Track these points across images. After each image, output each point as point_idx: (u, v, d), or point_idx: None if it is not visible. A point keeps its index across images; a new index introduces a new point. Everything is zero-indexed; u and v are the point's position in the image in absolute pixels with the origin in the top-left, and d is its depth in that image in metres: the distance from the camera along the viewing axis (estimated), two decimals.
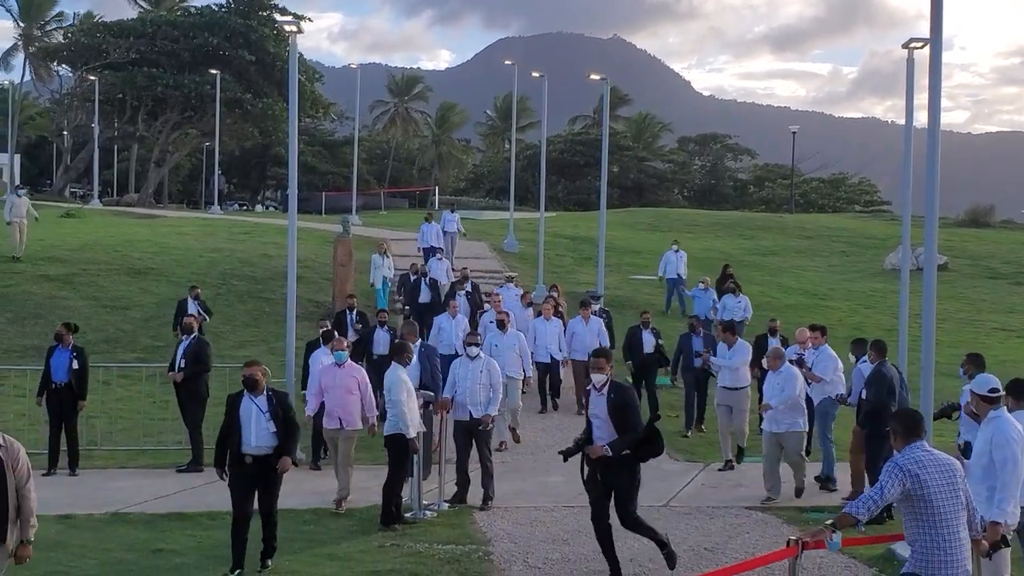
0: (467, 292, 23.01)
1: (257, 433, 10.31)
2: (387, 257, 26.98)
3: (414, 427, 12.30)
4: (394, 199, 73.60)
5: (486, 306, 21.83)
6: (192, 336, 15.98)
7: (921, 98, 12.94)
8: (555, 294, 22.39)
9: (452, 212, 34.08)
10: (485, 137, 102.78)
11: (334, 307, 26.60)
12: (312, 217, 47.82)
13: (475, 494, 13.26)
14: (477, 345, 13.68)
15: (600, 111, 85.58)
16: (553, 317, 19.56)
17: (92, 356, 20.98)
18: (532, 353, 18.60)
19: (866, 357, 13.28)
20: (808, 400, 14.32)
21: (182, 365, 15.55)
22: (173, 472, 14.81)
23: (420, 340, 16.71)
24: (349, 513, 12.61)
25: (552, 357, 19.31)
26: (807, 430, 14.34)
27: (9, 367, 19.62)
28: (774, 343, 16.77)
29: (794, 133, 64.75)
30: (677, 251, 29.83)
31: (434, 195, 74.11)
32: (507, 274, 23.45)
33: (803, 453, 14.15)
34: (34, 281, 26.44)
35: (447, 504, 13.23)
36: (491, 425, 13.52)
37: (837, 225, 48.86)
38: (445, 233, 31.78)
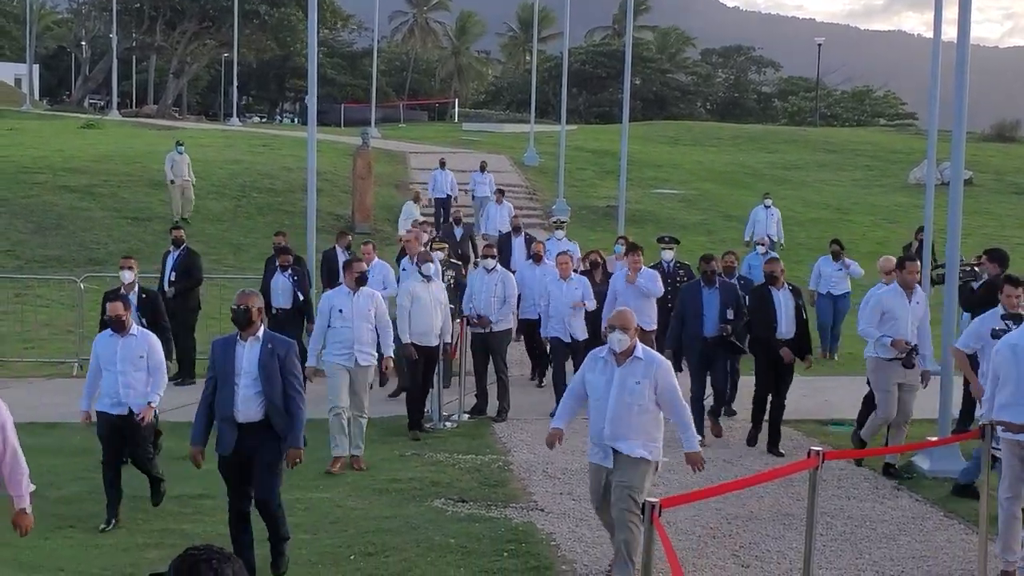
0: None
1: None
2: (420, 208, 23.73)
3: (407, 334, 12.30)
4: (413, 111, 73.11)
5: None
6: (182, 248, 15.68)
7: (951, 11, 12.69)
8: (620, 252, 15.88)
9: (483, 173, 28.29)
10: (505, 48, 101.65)
11: (353, 220, 26.59)
12: (331, 129, 47.56)
13: (494, 406, 13.36)
14: (493, 258, 13.66)
15: (620, 21, 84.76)
16: (575, 276, 13.60)
17: (112, 268, 21.11)
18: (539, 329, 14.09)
19: None
20: None
21: (172, 279, 15.35)
22: (200, 381, 14.93)
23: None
24: (370, 423, 12.68)
25: (573, 337, 13.29)
26: None
27: (32, 276, 19.72)
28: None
29: (819, 45, 63.73)
30: (768, 207, 23.65)
31: (453, 108, 73.58)
32: (559, 219, 17.61)
33: None
34: (55, 192, 26.46)
35: (467, 415, 13.36)
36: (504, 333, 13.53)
37: (861, 139, 48.32)
38: (474, 198, 27.65)
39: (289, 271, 14.41)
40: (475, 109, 78.35)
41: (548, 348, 14.12)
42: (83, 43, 70.56)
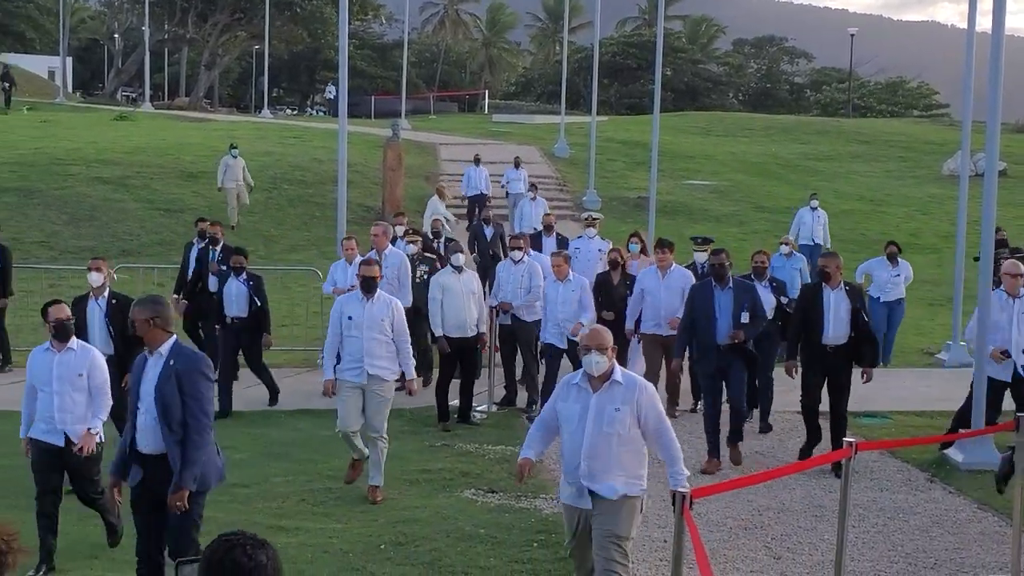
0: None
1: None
2: (445, 203, 23.03)
3: (439, 328, 12.34)
4: (443, 103, 73.09)
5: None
6: (207, 240, 15.23)
7: (986, 2, 12.54)
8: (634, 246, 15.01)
9: (517, 169, 27.28)
10: (535, 39, 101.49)
11: (384, 212, 26.63)
12: (361, 121, 47.66)
13: (524, 397, 13.36)
14: (520, 249, 13.65)
15: (651, 11, 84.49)
16: (574, 277, 12.74)
17: (145, 259, 21.30)
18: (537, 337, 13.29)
19: None
20: None
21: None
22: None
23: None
24: (399, 414, 12.71)
25: (570, 341, 12.28)
26: None
27: (66, 267, 19.87)
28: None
29: (852, 36, 63.24)
30: (815, 209, 22.23)
31: (483, 99, 73.52)
32: (590, 214, 16.21)
33: None
34: (89, 183, 26.64)
35: (496, 406, 13.37)
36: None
37: (895, 130, 47.95)
38: (508, 194, 26.91)
39: (244, 275, 13.17)
40: (505, 100, 78.18)
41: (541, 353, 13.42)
42: (116, 36, 71.02)
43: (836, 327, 10.55)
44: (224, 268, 13.66)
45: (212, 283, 14.43)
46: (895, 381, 14.66)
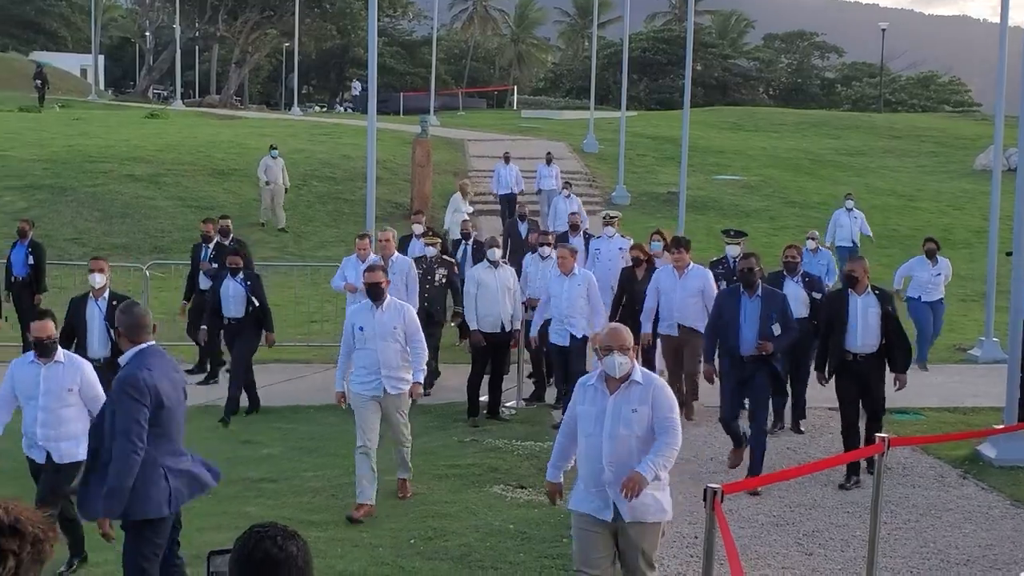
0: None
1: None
2: (467, 201, 22.29)
3: (474, 322, 12.38)
4: (472, 99, 73.10)
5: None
6: (231, 240, 15.00)
7: None
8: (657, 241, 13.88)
9: (549, 165, 26.88)
10: (564, 35, 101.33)
11: (412, 208, 26.66)
12: (390, 118, 47.76)
13: (552, 393, 13.34)
14: (549, 245, 13.62)
15: (680, 5, 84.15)
16: (580, 271, 12.20)
17: (177, 256, 21.41)
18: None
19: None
20: None
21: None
22: (256, 367, 15.05)
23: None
24: (428, 409, 12.74)
25: (572, 335, 11.91)
26: None
27: None
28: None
29: (883, 30, 62.83)
30: (851, 210, 21.56)
31: (512, 95, 73.50)
32: (608, 213, 16.15)
33: None
34: (121, 181, 26.82)
35: (524, 402, 13.37)
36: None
37: (926, 124, 47.61)
38: (540, 191, 26.50)
39: (241, 275, 12.76)
40: (534, 96, 78.15)
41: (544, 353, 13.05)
42: (147, 34, 71.45)
43: (865, 334, 10.01)
44: (215, 266, 13.35)
45: (203, 282, 14.21)
46: (927, 377, 14.57)
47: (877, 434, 7.43)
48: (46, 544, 2.22)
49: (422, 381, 9.56)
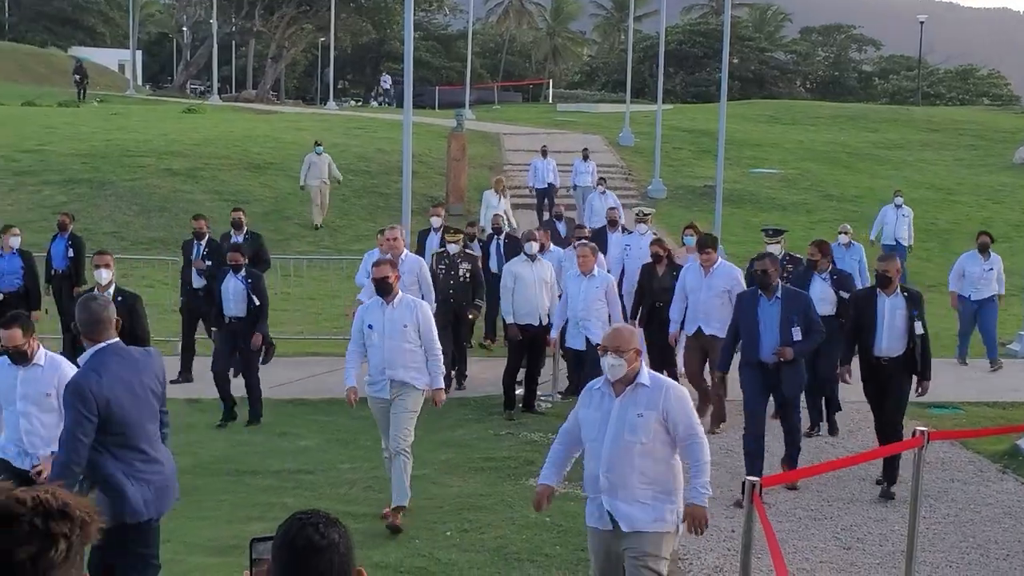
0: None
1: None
2: (503, 197, 21.90)
3: (511, 315, 12.40)
4: (507, 93, 73.10)
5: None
6: (245, 233, 14.91)
7: None
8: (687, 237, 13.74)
9: (586, 161, 26.58)
10: (599, 28, 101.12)
11: (447, 201, 26.70)
12: (426, 112, 47.86)
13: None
14: (586, 238, 13.57)
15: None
16: (599, 272, 11.93)
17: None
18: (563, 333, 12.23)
19: None
20: None
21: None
22: (293, 360, 15.14)
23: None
24: (465, 402, 12.77)
25: (588, 339, 11.59)
26: None
27: (136, 257, 20.20)
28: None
29: (922, 23, 62.25)
30: (900, 206, 21.12)
31: (547, 89, 73.41)
32: (641, 211, 15.63)
33: None
34: (159, 175, 27.04)
35: (560, 395, 13.36)
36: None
37: (965, 118, 47.16)
38: (575, 187, 26.23)
39: (242, 272, 12.28)
40: (569, 90, 78.02)
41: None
42: (184, 29, 71.93)
43: (890, 337, 9.48)
44: (209, 264, 12.88)
45: (196, 280, 14.08)
46: (966, 372, 14.45)
47: (916, 428, 7.35)
48: (92, 527, 2.25)
49: (442, 385, 8.86)
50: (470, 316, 14.01)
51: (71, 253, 15.46)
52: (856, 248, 14.82)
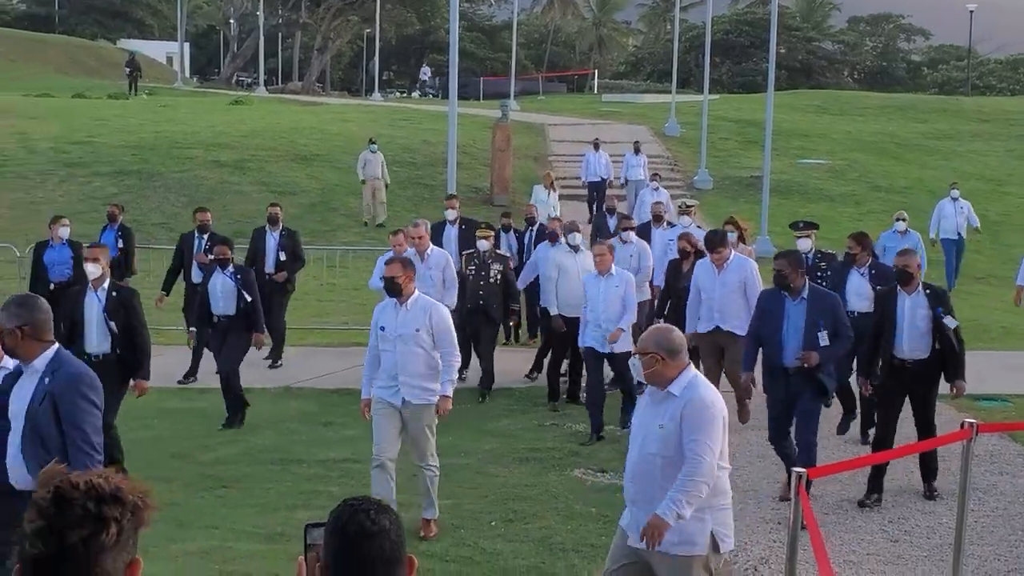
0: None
1: None
2: (553, 191, 21.73)
3: (554, 306, 12.36)
4: (552, 84, 72.97)
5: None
6: (281, 229, 14.79)
7: None
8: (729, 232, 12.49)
9: (637, 155, 26.26)
10: (645, 18, 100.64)
11: (492, 193, 26.73)
12: (470, 103, 47.91)
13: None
14: (631, 229, 13.48)
15: None
16: (617, 271, 11.20)
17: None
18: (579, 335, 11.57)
19: None
20: None
21: (282, 258, 14.54)
22: (338, 350, 15.23)
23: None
24: (509, 393, 12.80)
25: (612, 349, 11.03)
26: None
27: None
28: None
29: (971, 12, 61.42)
30: (956, 199, 20.39)
31: (592, 79, 73.24)
32: (684, 202, 15.03)
33: None
34: (207, 167, 27.27)
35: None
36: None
37: (1016, 108, 46.49)
38: (626, 181, 25.93)
39: (230, 268, 11.81)
40: (614, 80, 77.82)
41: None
42: (231, 21, 72.40)
43: (912, 338, 8.90)
44: (211, 258, 12.48)
45: (196, 275, 13.70)
46: (1014, 363, 14.27)
47: (965, 420, 7.28)
48: (145, 512, 2.29)
49: (450, 393, 8.25)
50: (511, 324, 13.99)
51: (121, 244, 15.62)
52: (911, 236, 14.37)
